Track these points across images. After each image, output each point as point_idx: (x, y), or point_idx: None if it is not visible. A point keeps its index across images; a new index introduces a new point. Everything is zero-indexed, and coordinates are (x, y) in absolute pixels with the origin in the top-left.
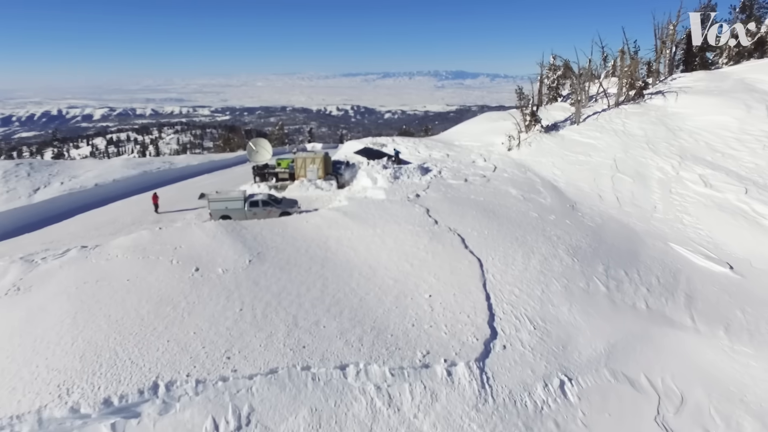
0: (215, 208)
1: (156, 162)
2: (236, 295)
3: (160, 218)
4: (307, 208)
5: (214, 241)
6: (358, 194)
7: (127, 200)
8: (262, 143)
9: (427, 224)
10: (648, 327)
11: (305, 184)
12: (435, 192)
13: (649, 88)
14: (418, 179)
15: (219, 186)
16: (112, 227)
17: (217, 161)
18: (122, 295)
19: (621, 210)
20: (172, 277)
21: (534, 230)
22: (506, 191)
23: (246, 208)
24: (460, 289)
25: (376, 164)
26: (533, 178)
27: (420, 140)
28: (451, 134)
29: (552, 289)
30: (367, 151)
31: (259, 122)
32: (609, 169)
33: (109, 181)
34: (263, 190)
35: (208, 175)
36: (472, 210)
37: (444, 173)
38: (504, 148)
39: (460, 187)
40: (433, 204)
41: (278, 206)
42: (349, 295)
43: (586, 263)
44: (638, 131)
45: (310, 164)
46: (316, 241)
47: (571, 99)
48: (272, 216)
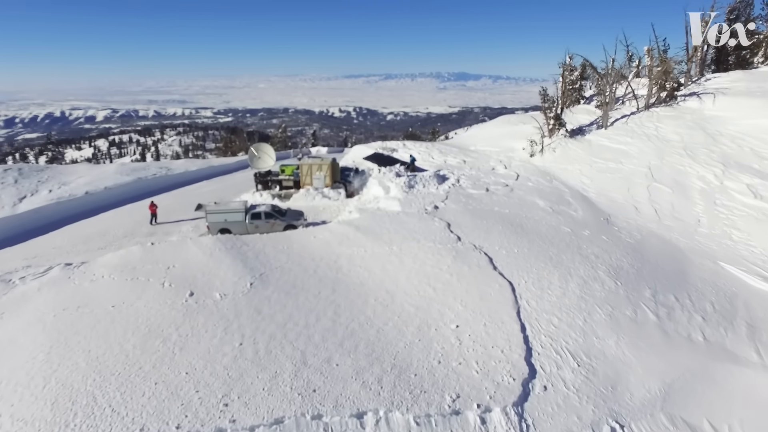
0: (213, 220)
1: (152, 167)
2: (236, 326)
3: (154, 230)
4: (313, 219)
5: (212, 259)
6: (369, 204)
7: (120, 210)
8: (265, 149)
9: (450, 241)
10: (708, 363)
11: (311, 192)
12: (455, 203)
13: (682, 89)
14: (435, 188)
15: (218, 194)
16: (101, 240)
17: (216, 167)
18: (105, 325)
19: (661, 224)
20: (163, 304)
21: (568, 248)
22: (533, 202)
23: (247, 220)
24: (491, 318)
25: (388, 172)
26: (560, 188)
27: (433, 145)
28: (465, 138)
29: (595, 318)
30: (378, 157)
31: (261, 124)
32: (644, 177)
33: (101, 188)
34: (266, 199)
35: (207, 182)
36: (497, 224)
37: (463, 182)
38: (526, 153)
39: (482, 197)
40: (454, 217)
41: (282, 219)
42: (364, 326)
43: (630, 287)
44: (673, 136)
45: (317, 171)
46: (326, 259)
47: (596, 101)
48: (276, 229)
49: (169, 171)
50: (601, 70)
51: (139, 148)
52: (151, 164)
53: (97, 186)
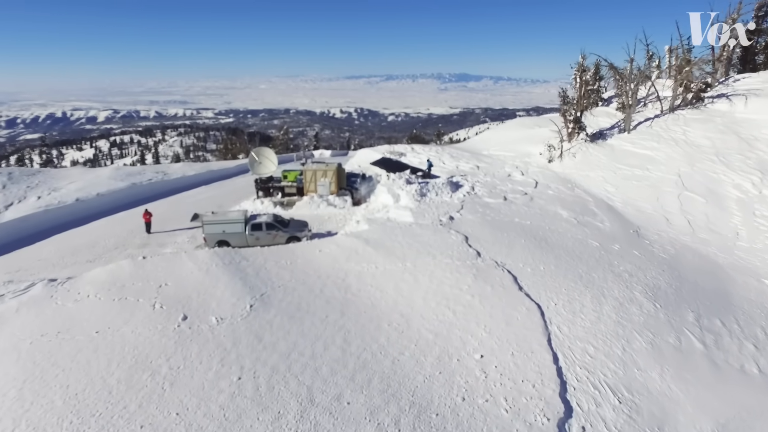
0: (211, 232)
1: (148, 172)
2: (233, 356)
3: (148, 240)
4: (318, 230)
5: (208, 276)
6: (377, 214)
7: (112, 218)
8: (266, 153)
9: (469, 257)
10: (766, 400)
11: (315, 200)
12: (471, 213)
13: (709, 90)
14: (449, 197)
15: (217, 201)
16: (90, 252)
17: (215, 171)
18: (87, 355)
19: (695, 237)
20: (152, 329)
21: (598, 264)
22: (555, 212)
23: (247, 232)
24: (519, 346)
25: (397, 178)
26: (583, 197)
27: (443, 149)
28: (477, 142)
29: (635, 347)
30: (386, 162)
31: (262, 125)
32: (673, 185)
33: (93, 195)
34: (267, 207)
35: (206, 188)
36: (519, 237)
37: (478, 189)
38: (543, 159)
39: (500, 207)
40: (472, 229)
41: (285, 230)
42: (378, 356)
43: (671, 310)
44: (704, 141)
45: (322, 177)
46: (333, 277)
47: (616, 103)
48: (278, 241)
49: (165, 176)
50: (624, 71)
51: (140, 149)
52: (147, 168)
53: (88, 192)
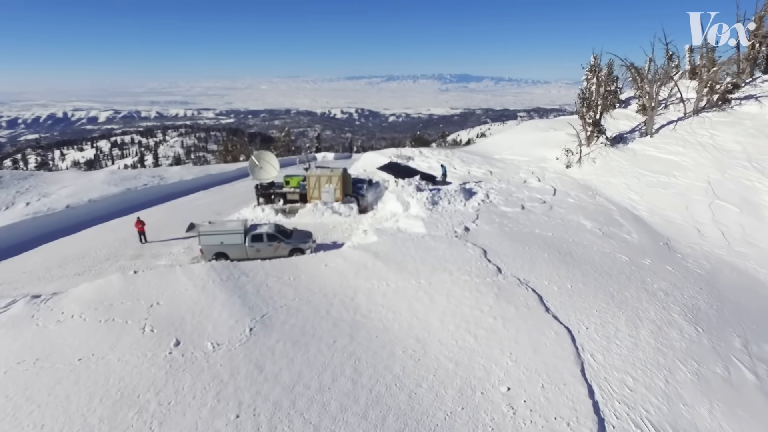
0: (208, 243)
1: (144, 176)
2: (231, 390)
3: (141, 250)
4: (323, 240)
5: (204, 294)
6: (386, 223)
7: (104, 225)
8: (267, 157)
9: (488, 273)
10: None
11: (319, 207)
12: (488, 224)
13: (736, 92)
14: (462, 205)
15: (216, 207)
16: (79, 264)
17: (214, 175)
18: (68, 387)
19: (731, 250)
20: (141, 357)
21: (630, 282)
22: (578, 223)
23: (247, 243)
24: (550, 377)
25: (407, 185)
26: (606, 205)
27: (452, 152)
28: (488, 146)
29: (679, 378)
30: (394, 166)
31: (263, 125)
32: (703, 194)
33: (84, 201)
34: (268, 215)
35: (204, 193)
36: (542, 251)
37: (493, 197)
38: (560, 164)
39: (518, 216)
40: (490, 242)
41: (287, 241)
42: (392, 388)
43: (714, 334)
44: (734, 146)
45: (326, 183)
46: (340, 296)
47: (636, 104)
48: (280, 253)
49: (162, 180)
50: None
51: (141, 149)
52: (144, 172)
53: (80, 198)
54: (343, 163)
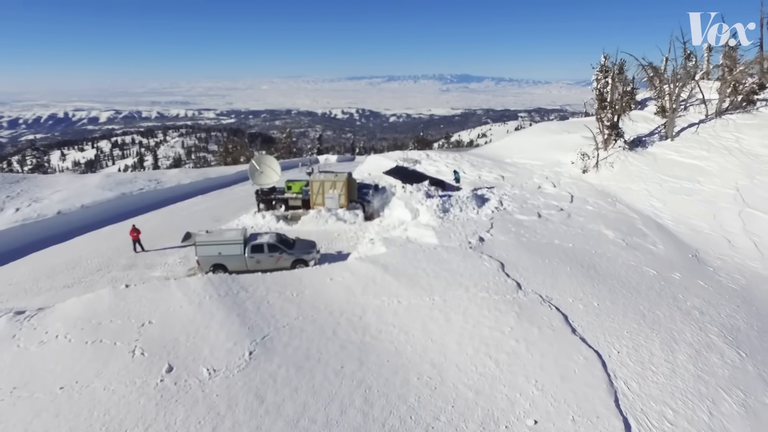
0: (205, 254)
1: (140, 179)
2: (228, 425)
3: (135, 260)
4: (327, 249)
5: (200, 312)
6: (393, 231)
7: (97, 233)
8: (268, 161)
9: (508, 289)
10: None
11: (323, 214)
12: (503, 234)
13: (761, 92)
14: (475, 213)
15: (214, 213)
16: (69, 275)
17: (213, 179)
18: (46, 421)
19: (766, 262)
20: (130, 384)
21: (661, 299)
22: (599, 233)
23: (246, 254)
24: (581, 408)
25: (415, 191)
26: (628, 213)
27: (461, 156)
28: (498, 149)
29: (724, 410)
30: (401, 171)
31: (264, 125)
32: (732, 201)
33: (77, 207)
34: (269, 222)
35: (203, 197)
36: (563, 264)
37: (507, 204)
38: (576, 169)
39: (534, 225)
40: (507, 254)
41: (290, 252)
42: (407, 421)
43: (759, 360)
44: (763, 150)
45: (330, 189)
46: (348, 314)
47: (655, 106)
48: (282, 265)
49: (158, 184)
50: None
51: (141, 149)
52: (140, 176)
53: (72, 204)
54: (346, 166)
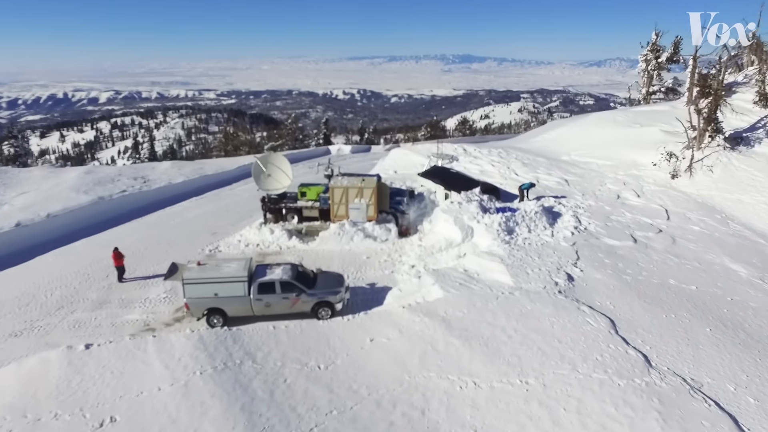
0: (196, 295)
1: (124, 177)
2: None
3: (108, 294)
4: (355, 280)
5: (186, 402)
6: (439, 255)
7: (65, 250)
8: (277, 160)
9: (633, 366)
10: None
11: (347, 230)
12: (596, 268)
13: None
14: (549, 234)
15: (209, 223)
16: (19, 317)
17: (210, 176)
18: None
19: None
20: None
21: None
22: (724, 267)
23: (252, 295)
24: None
25: (465, 202)
26: (750, 237)
27: (507, 152)
28: (549, 143)
29: None
30: (441, 173)
31: (264, 106)
32: None
33: (42, 216)
34: (279, 238)
35: (197, 200)
36: (697, 321)
37: (585, 221)
38: (661, 173)
39: (633, 254)
40: (612, 302)
41: (311, 292)
42: None
43: None
44: None
45: (356, 197)
46: (403, 404)
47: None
48: (299, 309)
49: (145, 183)
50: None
51: (141, 130)
52: (125, 172)
53: (37, 211)
54: (361, 158)
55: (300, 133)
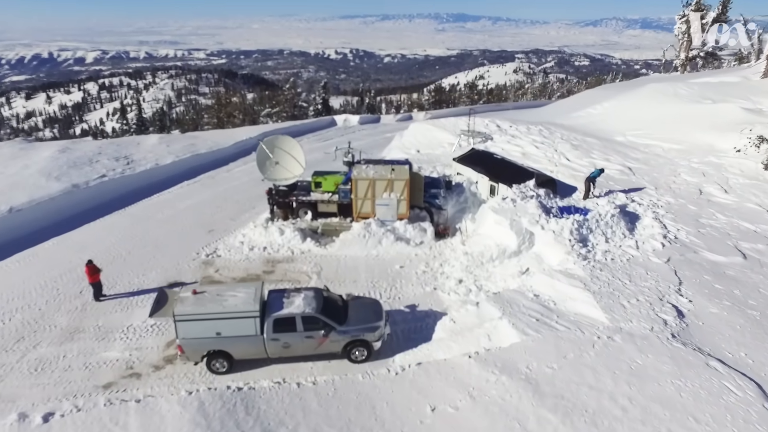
0: (193, 335)
1: (105, 156)
2: None
3: (81, 319)
4: (389, 298)
5: None
6: (490, 267)
7: (30, 255)
8: (286, 144)
9: None
10: None
11: (374, 230)
12: (708, 298)
13: None
14: (632, 245)
15: (204, 217)
16: None
17: (204, 155)
18: None
19: None
20: None
21: None
22: None
23: (266, 334)
24: None
25: (520, 199)
26: None
27: (549, 129)
28: (597, 120)
29: None
30: (484, 159)
31: (255, 66)
32: None
33: (3, 212)
34: (290, 240)
35: (189, 185)
36: None
37: (672, 226)
38: (750, 160)
39: (747, 276)
40: (745, 351)
41: (342, 330)
42: None
43: None
44: None
45: (384, 192)
46: None
47: None
48: (327, 350)
49: (128, 165)
50: None
51: (130, 92)
52: (105, 148)
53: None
54: (371, 130)
55: (298, 99)
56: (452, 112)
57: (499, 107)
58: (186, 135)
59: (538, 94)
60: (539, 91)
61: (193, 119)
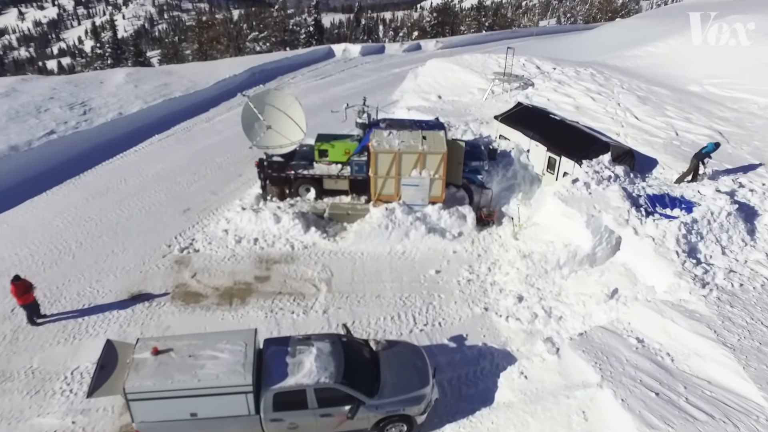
0: (155, 418)
1: (56, 105)
2: None
3: (10, 357)
4: (425, 329)
5: None
6: (554, 272)
7: None
8: (280, 101)
9: None
10: None
11: (398, 218)
12: None
13: None
14: (760, 258)
15: (179, 189)
16: None
17: (178, 100)
18: None
19: None
20: None
21: None
22: None
23: (263, 413)
24: None
25: (596, 183)
26: None
27: (605, 76)
28: (659, 59)
29: None
30: (536, 119)
31: None
32: None
33: None
34: (288, 228)
35: (160, 142)
36: None
37: None
38: None
39: None
40: None
41: (373, 405)
42: None
43: None
44: None
45: (414, 168)
46: None
47: None
48: (351, 428)
49: (85, 115)
50: None
51: (109, 7)
52: (59, 90)
53: None
54: (376, 63)
55: (288, 23)
56: (466, 40)
57: (514, 33)
58: (159, 70)
59: (542, 12)
60: (543, 9)
61: (173, 42)
